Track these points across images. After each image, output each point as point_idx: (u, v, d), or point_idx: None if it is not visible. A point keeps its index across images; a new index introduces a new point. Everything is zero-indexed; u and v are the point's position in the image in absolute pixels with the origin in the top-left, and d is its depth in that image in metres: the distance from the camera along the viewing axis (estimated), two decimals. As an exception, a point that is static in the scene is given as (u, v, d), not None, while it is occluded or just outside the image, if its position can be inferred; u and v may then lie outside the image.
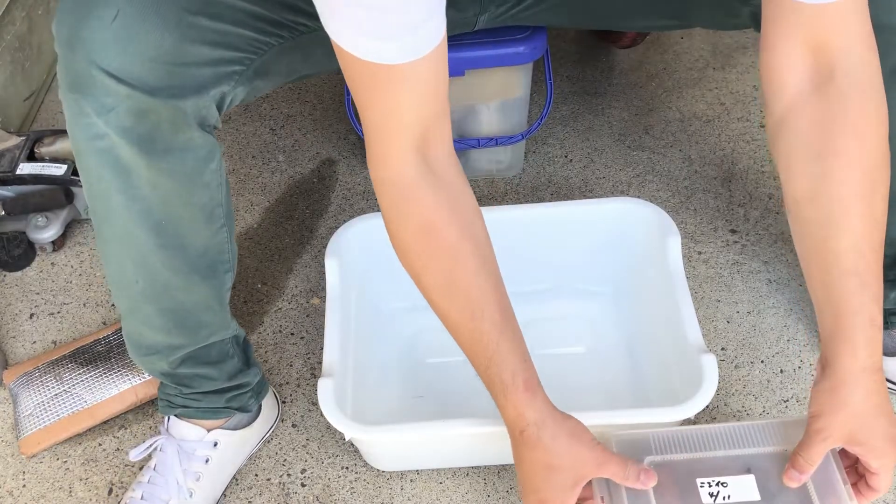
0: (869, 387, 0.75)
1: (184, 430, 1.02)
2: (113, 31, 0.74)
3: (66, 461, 1.13)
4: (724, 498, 0.82)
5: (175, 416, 1.03)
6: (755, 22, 0.93)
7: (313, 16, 0.91)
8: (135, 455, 1.03)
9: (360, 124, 1.31)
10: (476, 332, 0.83)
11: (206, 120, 0.83)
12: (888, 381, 1.10)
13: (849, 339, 0.75)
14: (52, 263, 1.36)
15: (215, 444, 1.03)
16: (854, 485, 0.81)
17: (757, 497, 0.82)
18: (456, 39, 1.18)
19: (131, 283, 0.89)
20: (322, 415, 0.96)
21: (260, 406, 1.09)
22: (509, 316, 0.85)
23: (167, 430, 1.03)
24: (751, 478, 0.83)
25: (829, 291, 0.76)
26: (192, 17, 0.78)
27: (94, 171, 0.82)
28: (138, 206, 0.83)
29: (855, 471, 0.81)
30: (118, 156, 0.79)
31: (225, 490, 1.08)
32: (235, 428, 1.05)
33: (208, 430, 1.03)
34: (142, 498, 1.01)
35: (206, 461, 1.02)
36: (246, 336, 1.05)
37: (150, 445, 1.03)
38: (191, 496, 1.01)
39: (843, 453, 0.82)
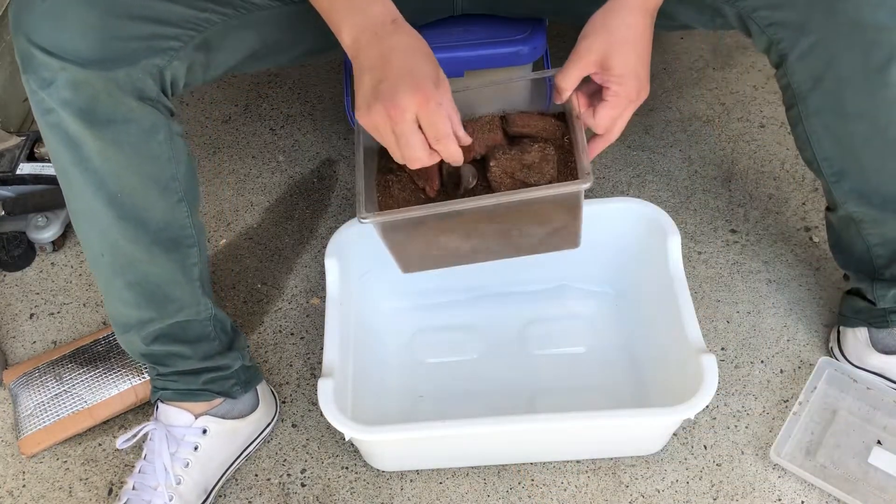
0: (635, 21, 0.83)
1: (171, 415, 1.03)
2: (44, 9, 0.80)
3: (66, 461, 1.13)
4: None
5: (159, 400, 1.04)
6: (741, 24, 0.93)
7: None
8: (122, 442, 1.03)
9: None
10: None
11: (144, 92, 0.85)
12: (888, 379, 1.10)
13: None
14: (52, 263, 1.36)
15: (204, 432, 1.04)
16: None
17: None
18: (454, 40, 1.18)
19: (99, 256, 0.93)
20: (322, 415, 0.97)
21: (256, 401, 1.09)
22: None
23: (157, 417, 1.04)
24: None
25: None
26: None
27: (52, 147, 0.87)
28: (92, 179, 0.87)
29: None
30: (67, 129, 0.84)
31: (225, 490, 1.08)
32: (225, 416, 1.05)
33: (196, 416, 1.03)
34: (133, 488, 1.01)
35: (196, 448, 1.03)
36: (234, 324, 1.06)
37: (139, 432, 1.04)
38: (178, 483, 1.01)
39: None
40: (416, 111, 0.77)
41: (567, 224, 0.96)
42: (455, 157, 0.81)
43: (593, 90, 0.89)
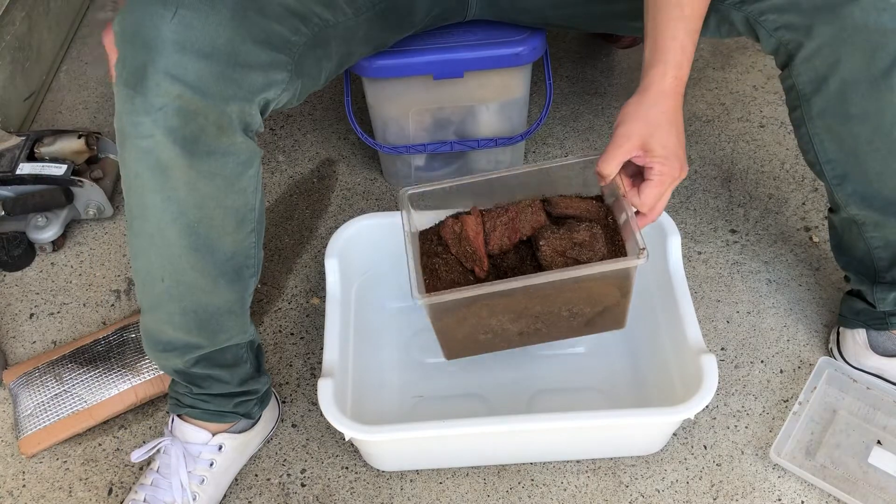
0: (669, 105, 0.86)
1: (189, 432, 1.02)
2: (171, 27, 0.76)
3: (66, 461, 1.13)
4: None
5: (181, 415, 1.02)
6: (749, 29, 0.94)
7: (329, 6, 0.92)
8: (137, 456, 1.02)
9: (359, 125, 1.31)
10: None
11: (250, 126, 0.84)
12: (889, 381, 1.10)
13: (661, 62, 0.86)
14: (52, 263, 1.36)
15: (220, 448, 1.03)
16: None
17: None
18: (454, 40, 1.18)
19: (157, 280, 0.90)
20: (322, 415, 0.97)
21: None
22: None
23: (171, 431, 1.03)
24: None
25: (655, 20, 0.86)
26: (243, 11, 0.80)
27: (133, 167, 0.83)
28: (173, 208, 0.84)
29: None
30: (159, 157, 0.81)
31: (225, 490, 1.08)
32: (239, 431, 1.05)
33: (213, 434, 1.03)
34: (144, 500, 1.00)
35: (211, 465, 1.02)
36: (260, 344, 1.05)
37: (154, 447, 1.03)
38: (194, 499, 1.01)
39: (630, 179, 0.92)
40: None
41: (617, 303, 0.97)
42: None
43: (633, 171, 0.90)
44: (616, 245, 0.94)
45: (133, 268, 0.92)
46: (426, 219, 1.00)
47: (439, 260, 0.97)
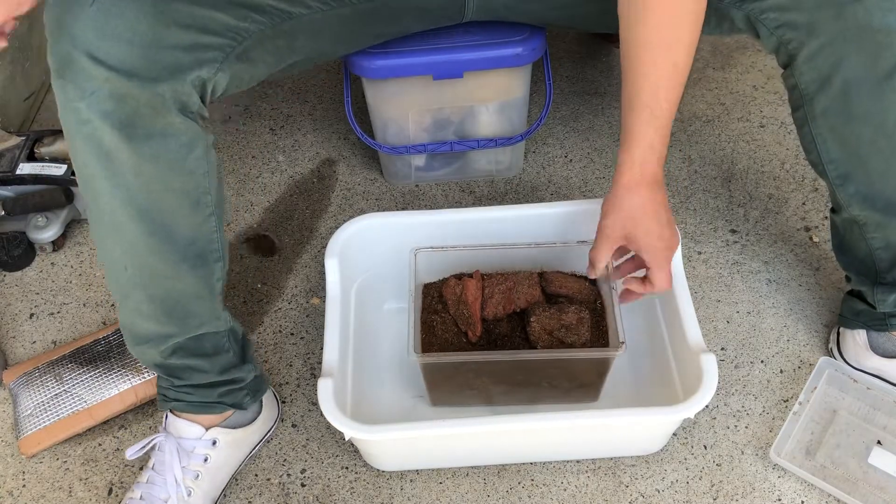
0: (642, 195, 0.90)
1: (182, 427, 1.02)
2: (91, 14, 0.78)
3: (66, 461, 1.13)
4: None
5: (170, 410, 1.03)
6: (749, 27, 0.93)
7: (294, 0, 0.93)
8: (131, 453, 1.03)
9: (359, 125, 1.31)
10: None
11: (188, 106, 0.84)
12: (889, 382, 1.10)
13: (630, 158, 0.90)
14: (52, 263, 1.36)
15: (214, 443, 1.03)
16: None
17: None
18: (453, 41, 1.18)
19: (121, 269, 0.91)
20: (322, 415, 0.97)
21: (260, 406, 1.09)
22: None
23: (165, 428, 1.03)
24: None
25: (627, 118, 0.90)
26: (168, 1, 0.81)
27: (81, 157, 0.85)
28: (122, 193, 0.85)
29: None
30: (101, 141, 0.82)
31: (225, 490, 1.08)
32: (234, 426, 1.05)
33: (206, 428, 1.03)
34: (140, 498, 1.00)
35: (205, 460, 1.02)
36: (245, 333, 1.05)
37: (148, 444, 1.03)
38: (189, 495, 1.01)
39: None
40: None
41: (593, 382, 1.04)
42: None
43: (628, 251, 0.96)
44: (600, 330, 1.02)
45: (98, 259, 0.94)
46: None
47: (437, 318, 1.04)
